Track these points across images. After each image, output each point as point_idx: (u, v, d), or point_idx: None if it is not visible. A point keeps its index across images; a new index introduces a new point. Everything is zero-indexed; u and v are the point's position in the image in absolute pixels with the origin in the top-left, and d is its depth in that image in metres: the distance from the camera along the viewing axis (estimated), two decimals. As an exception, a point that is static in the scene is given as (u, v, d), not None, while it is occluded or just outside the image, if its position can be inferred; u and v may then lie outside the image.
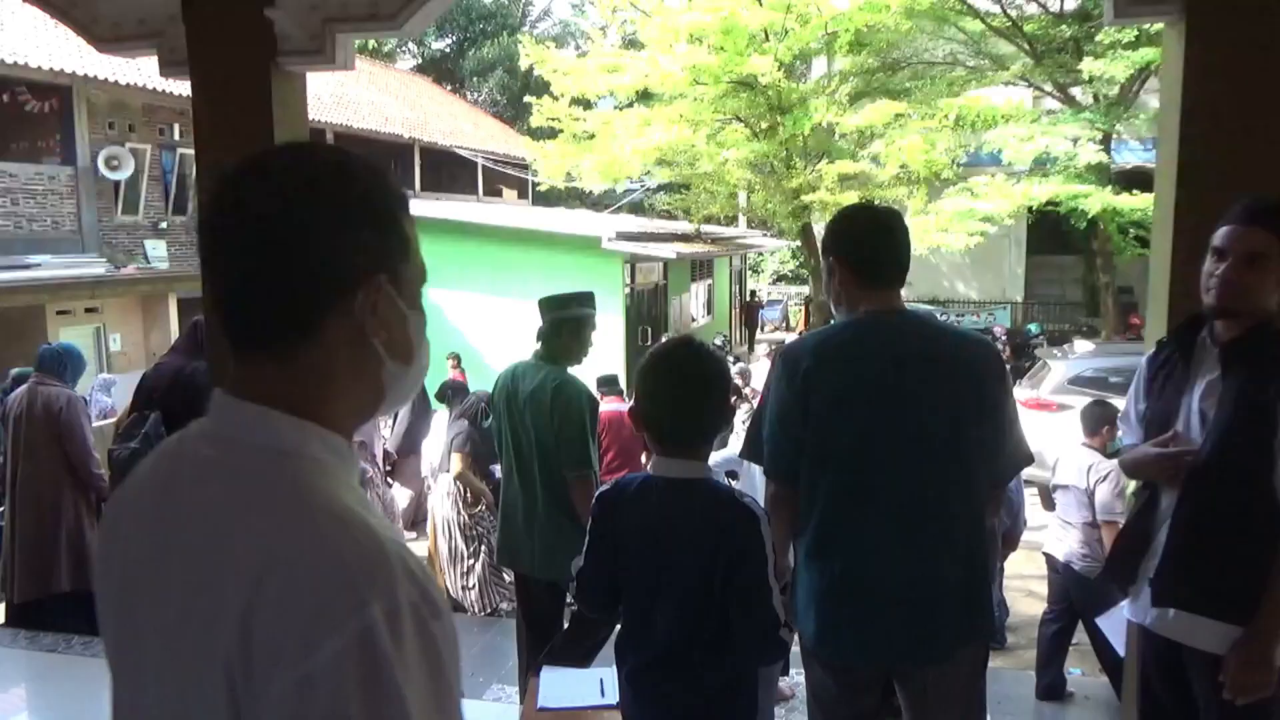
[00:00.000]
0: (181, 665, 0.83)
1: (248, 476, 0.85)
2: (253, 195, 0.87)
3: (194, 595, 0.82)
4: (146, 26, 3.14)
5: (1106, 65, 12.95)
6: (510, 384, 3.54)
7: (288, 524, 0.80)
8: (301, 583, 0.77)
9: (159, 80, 12.36)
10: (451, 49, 33.61)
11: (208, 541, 0.83)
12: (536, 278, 14.36)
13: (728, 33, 14.18)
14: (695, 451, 2.02)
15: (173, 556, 0.85)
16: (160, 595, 0.85)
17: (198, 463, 0.89)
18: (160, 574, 0.86)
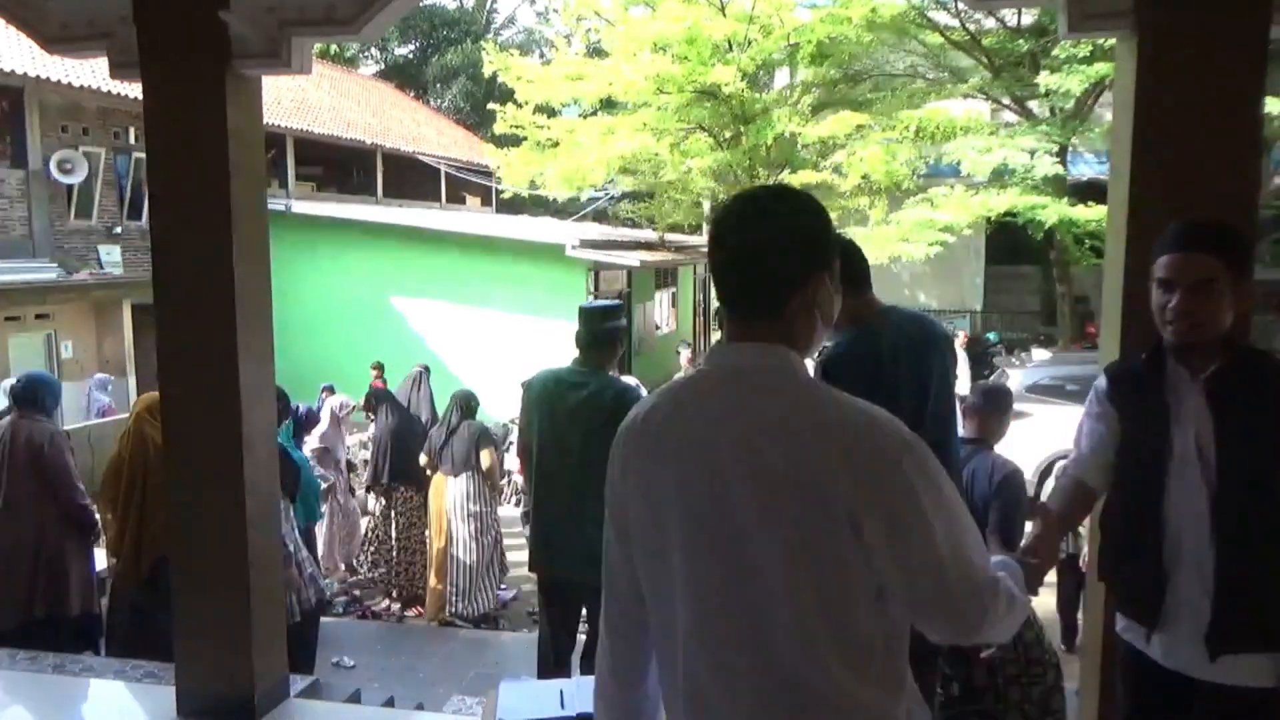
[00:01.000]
0: (795, 512, 1.30)
1: (788, 383, 1.38)
2: (770, 227, 1.41)
3: (794, 464, 1.30)
4: (96, 27, 3.07)
5: (1062, 79, 13.16)
6: (553, 390, 3.57)
7: (837, 408, 1.34)
8: (875, 430, 1.31)
9: (114, 83, 12.15)
10: (415, 55, 33.39)
11: (786, 429, 1.33)
12: (500, 285, 14.32)
13: (691, 42, 14.25)
14: None
15: (764, 440, 1.33)
16: (762, 470, 1.32)
17: (725, 384, 1.41)
18: (754, 456, 1.32)
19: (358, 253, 14.91)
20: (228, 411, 2.96)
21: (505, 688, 2.52)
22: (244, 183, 3.00)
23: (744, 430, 1.34)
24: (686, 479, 1.37)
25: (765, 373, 1.38)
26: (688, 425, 1.40)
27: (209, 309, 2.98)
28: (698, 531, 1.36)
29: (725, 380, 1.41)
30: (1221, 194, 2.35)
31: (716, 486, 1.34)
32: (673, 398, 1.47)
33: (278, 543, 3.35)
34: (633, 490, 1.46)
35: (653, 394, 1.55)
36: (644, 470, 1.45)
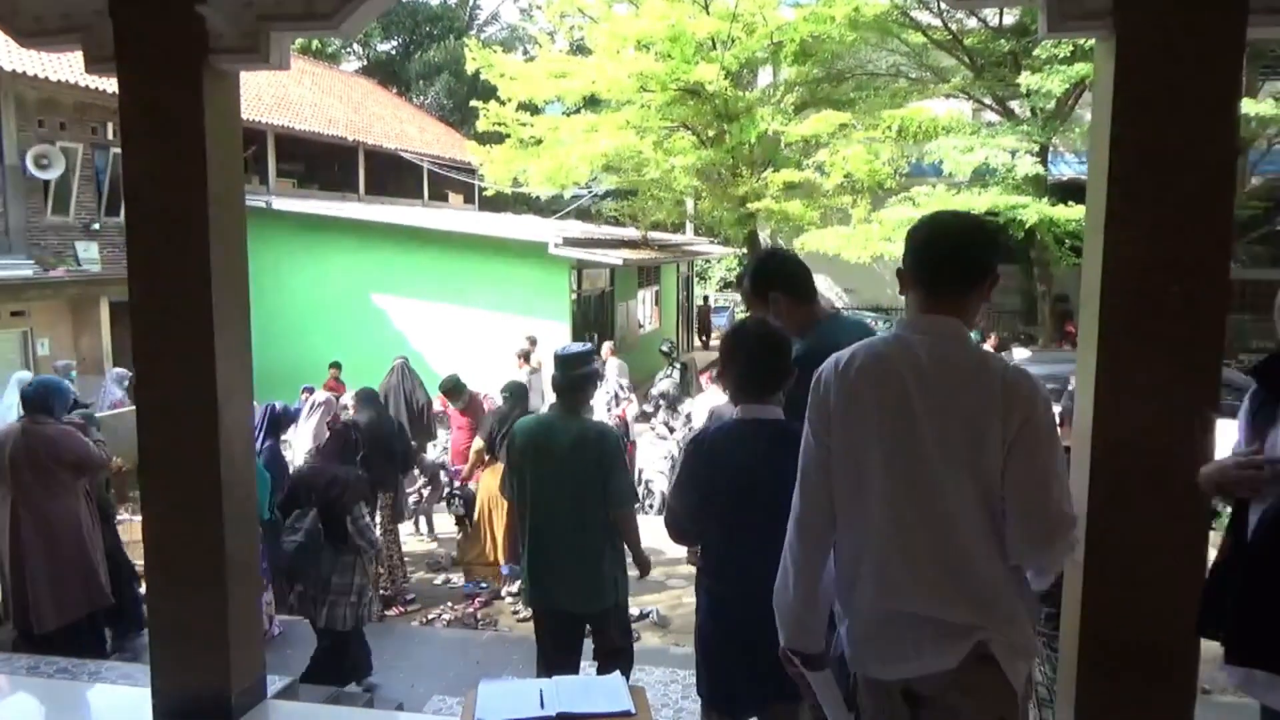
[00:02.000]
0: (965, 439, 1.85)
1: (959, 346, 1.93)
2: (973, 233, 2.05)
3: (969, 404, 1.86)
4: (71, 20, 3.02)
5: (1043, 79, 13.25)
6: (539, 436, 3.77)
7: (996, 363, 1.92)
8: (1024, 381, 1.88)
9: (92, 77, 12.01)
10: (397, 51, 33.24)
11: (963, 378, 1.89)
12: (483, 283, 14.27)
13: (675, 40, 14.25)
14: (772, 398, 2.74)
15: (944, 389, 1.88)
16: (942, 411, 1.87)
17: (915, 343, 1.93)
18: (938, 401, 1.87)
19: (339, 250, 14.82)
20: (204, 411, 2.93)
21: (485, 687, 2.51)
22: (221, 178, 2.97)
23: (929, 378, 1.88)
24: (883, 414, 1.91)
25: (947, 337, 1.93)
26: (884, 373, 1.93)
27: (185, 307, 2.94)
28: (893, 455, 1.89)
29: (916, 340, 1.94)
30: (1199, 193, 2.37)
31: (907, 421, 1.88)
32: (870, 351, 1.97)
33: (255, 543, 3.32)
34: (835, 422, 1.96)
35: (850, 347, 2.01)
36: (843, 407, 1.95)
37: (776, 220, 16.08)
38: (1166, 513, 2.33)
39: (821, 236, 15.00)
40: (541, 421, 3.90)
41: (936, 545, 1.85)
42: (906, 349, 1.92)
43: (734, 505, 2.68)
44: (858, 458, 1.92)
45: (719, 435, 2.78)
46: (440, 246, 14.60)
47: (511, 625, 6.99)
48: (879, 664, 1.93)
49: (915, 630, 1.87)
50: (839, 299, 20.99)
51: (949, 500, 1.84)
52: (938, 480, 1.85)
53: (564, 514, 3.71)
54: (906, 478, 1.87)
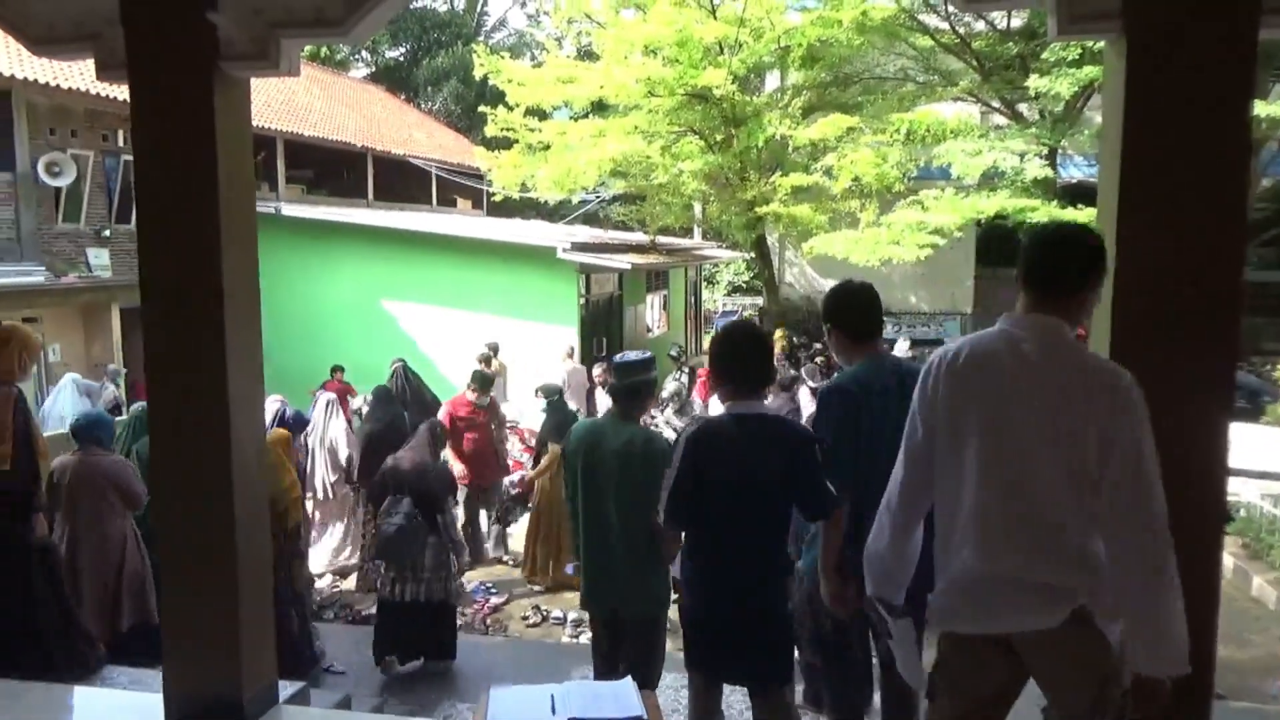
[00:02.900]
0: (1057, 426, 2.06)
1: (1058, 343, 2.14)
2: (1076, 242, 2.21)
3: (1062, 394, 2.08)
4: (83, 28, 3.05)
5: (1052, 82, 13.22)
6: (592, 439, 3.86)
7: (1092, 360, 2.15)
8: (1121, 375, 2.07)
9: (103, 85, 12.08)
10: (405, 58, 33.34)
11: (1059, 371, 2.11)
12: (491, 288, 14.29)
13: (682, 45, 14.26)
14: (759, 394, 3.08)
15: (1043, 380, 2.11)
16: (1040, 399, 2.09)
17: (1024, 340, 2.16)
18: (1037, 390, 2.10)
19: (348, 256, 14.86)
20: (216, 415, 2.94)
21: (496, 693, 2.51)
22: (232, 185, 2.98)
23: (1027, 369, 2.11)
24: (984, 399, 2.15)
25: (1048, 333, 2.15)
26: (988, 363, 2.17)
27: (197, 312, 2.96)
28: (990, 435, 2.13)
29: (1019, 335, 2.17)
30: (1211, 196, 2.36)
31: (1004, 406, 2.12)
32: (976, 344, 2.22)
33: (267, 547, 3.32)
34: (941, 405, 2.20)
35: (959, 340, 2.26)
36: (950, 393, 2.19)
37: (785, 224, 16.07)
38: (1182, 518, 2.31)
39: (830, 240, 14.98)
40: (595, 425, 4.00)
41: (1030, 518, 2.08)
42: (1010, 343, 2.16)
43: (726, 493, 2.94)
44: (959, 438, 2.16)
45: (712, 429, 3.06)
46: (449, 252, 14.62)
47: (521, 631, 6.99)
48: (972, 621, 2.18)
49: (1016, 592, 2.10)
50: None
51: (1040, 479, 2.06)
52: (1030, 461, 2.08)
53: (611, 518, 3.75)
54: (1002, 457, 2.11)
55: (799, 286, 21.72)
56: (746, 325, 3.20)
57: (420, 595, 5.49)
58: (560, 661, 5.83)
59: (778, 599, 3.06)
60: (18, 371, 4.32)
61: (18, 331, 4.41)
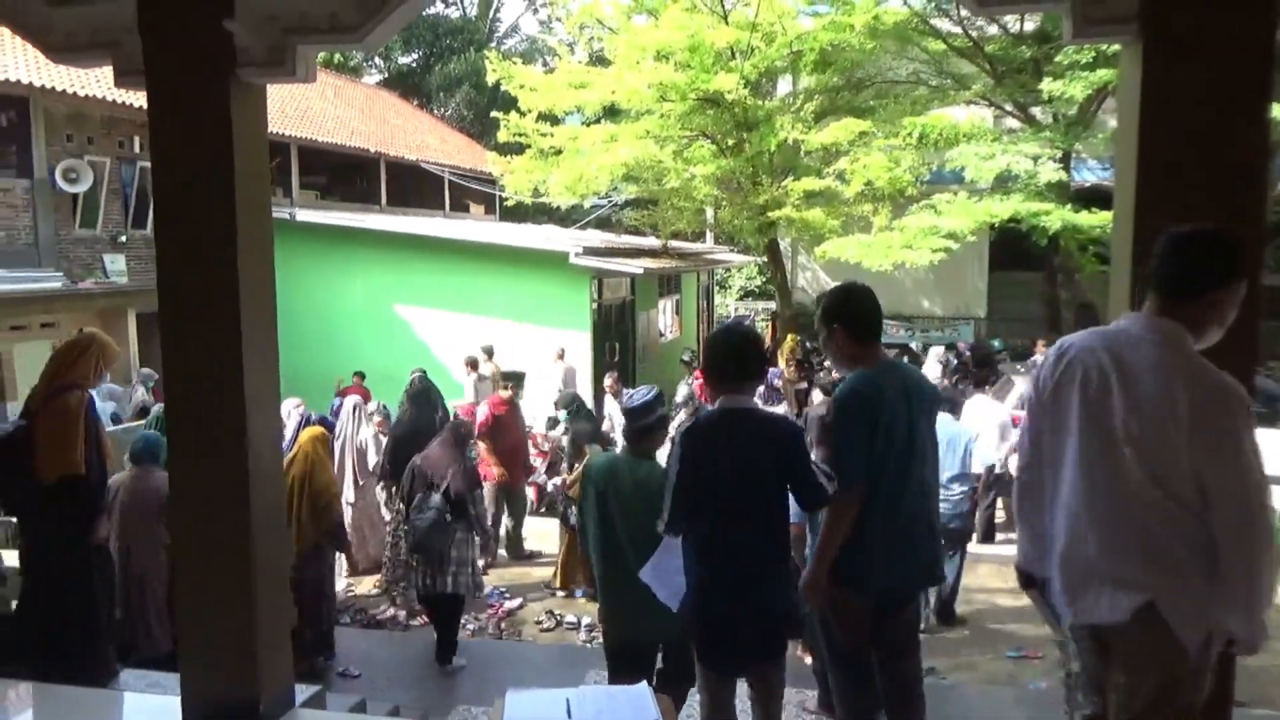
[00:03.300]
0: (1157, 428, 2.10)
1: (1169, 347, 2.15)
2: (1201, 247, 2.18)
3: (1164, 398, 2.10)
4: (101, 36, 3.07)
5: (1065, 85, 13.17)
6: (610, 475, 4.04)
7: (1199, 367, 2.13)
8: (1226, 381, 2.10)
9: (119, 92, 12.18)
10: (418, 64, 33.47)
11: (1178, 376, 2.11)
12: (504, 293, 14.31)
13: (694, 50, 14.26)
14: (749, 390, 3.29)
15: (1148, 383, 2.13)
16: (1141, 402, 2.12)
17: (1136, 339, 2.19)
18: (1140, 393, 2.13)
19: (361, 261, 14.92)
20: (233, 419, 2.96)
21: (512, 697, 2.51)
22: (248, 190, 3.00)
23: (1137, 372, 2.15)
24: (1084, 393, 2.22)
25: (1161, 335, 2.18)
26: (1092, 360, 2.22)
27: (213, 317, 2.97)
28: (1087, 430, 2.21)
29: (1133, 335, 2.21)
30: (1229, 199, 2.34)
31: (1103, 402, 2.18)
32: (1085, 342, 2.27)
33: (284, 550, 3.34)
34: (1048, 399, 2.30)
35: (1072, 336, 2.33)
36: (1053, 385, 2.28)
37: (797, 228, 16.04)
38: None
39: (842, 245, 14.94)
40: (613, 462, 4.19)
41: (1113, 515, 2.15)
42: (1119, 342, 2.22)
43: (721, 487, 3.08)
44: (1061, 430, 2.25)
45: (703, 425, 3.25)
46: (461, 257, 14.66)
47: (535, 635, 6.99)
48: (1070, 611, 2.27)
49: (1096, 583, 2.18)
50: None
51: (1131, 478, 2.11)
52: (1122, 459, 2.13)
53: (628, 551, 3.85)
54: (1096, 451, 2.18)
55: (811, 291, 21.69)
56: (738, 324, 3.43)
57: (448, 588, 5.85)
58: (574, 666, 5.84)
59: (778, 589, 3.17)
60: (93, 378, 4.47)
61: (97, 339, 4.57)
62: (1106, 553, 2.16)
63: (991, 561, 8.46)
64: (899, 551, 3.23)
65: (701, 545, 3.18)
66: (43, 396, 4.27)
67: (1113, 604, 2.15)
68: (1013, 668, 6.32)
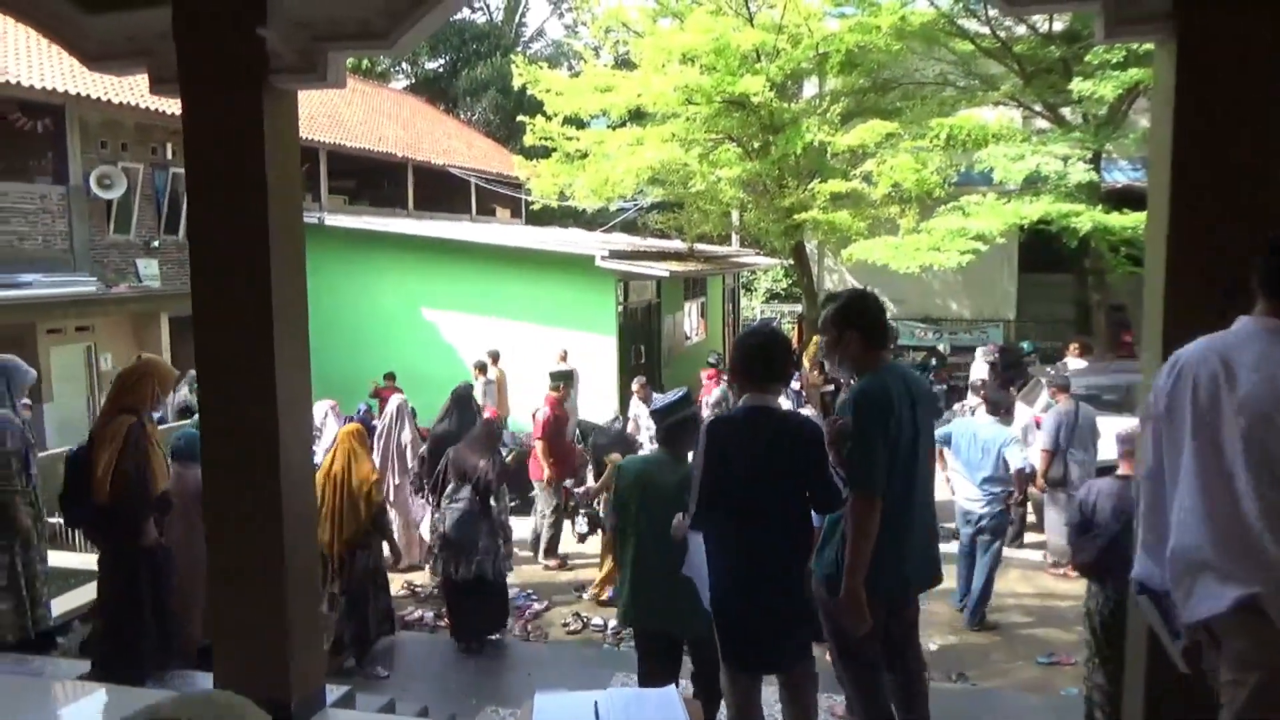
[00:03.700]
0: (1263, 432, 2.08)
1: None
2: None
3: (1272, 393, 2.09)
4: (136, 44, 3.12)
5: (1095, 85, 13.01)
6: (645, 476, 4.15)
7: None
8: None
9: (152, 99, 12.36)
10: (445, 69, 33.69)
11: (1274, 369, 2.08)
12: (530, 297, 14.37)
13: (719, 53, 14.25)
14: (775, 391, 3.37)
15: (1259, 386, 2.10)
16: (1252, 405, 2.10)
17: (1248, 344, 2.16)
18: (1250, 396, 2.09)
19: (389, 265, 15.04)
20: (265, 420, 2.99)
21: (540, 699, 2.51)
22: (281, 195, 3.03)
23: (1247, 376, 2.12)
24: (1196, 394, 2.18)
25: (1268, 331, 2.15)
26: (1208, 361, 2.18)
27: (246, 319, 3.01)
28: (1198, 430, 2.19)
29: (1244, 339, 2.19)
30: (1265, 200, 2.31)
31: (1215, 404, 2.16)
32: (1205, 345, 2.22)
33: (315, 552, 3.37)
34: (1164, 414, 2.27)
35: (1181, 351, 2.25)
36: (1171, 384, 2.25)
37: (823, 231, 15.98)
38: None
39: (869, 247, 14.86)
40: (647, 465, 4.29)
41: (1222, 507, 2.15)
42: (1228, 345, 2.21)
43: (743, 485, 3.12)
44: (1178, 441, 2.25)
45: (726, 422, 3.35)
46: (488, 260, 14.74)
47: (562, 638, 7.01)
48: (1181, 607, 2.26)
49: (1202, 577, 2.17)
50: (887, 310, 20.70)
51: (1239, 478, 2.12)
52: (1231, 458, 2.14)
53: (662, 546, 3.88)
54: (1208, 451, 2.18)
55: (838, 294, 21.56)
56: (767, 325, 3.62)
57: (472, 573, 6.21)
58: (601, 668, 5.85)
59: (794, 588, 3.22)
60: (149, 403, 4.64)
61: (154, 365, 4.74)
62: (1211, 545, 2.17)
63: (1020, 566, 8.37)
64: (904, 552, 3.30)
65: (722, 541, 3.24)
66: (101, 420, 4.54)
67: (1216, 595, 2.15)
68: (1044, 674, 6.25)
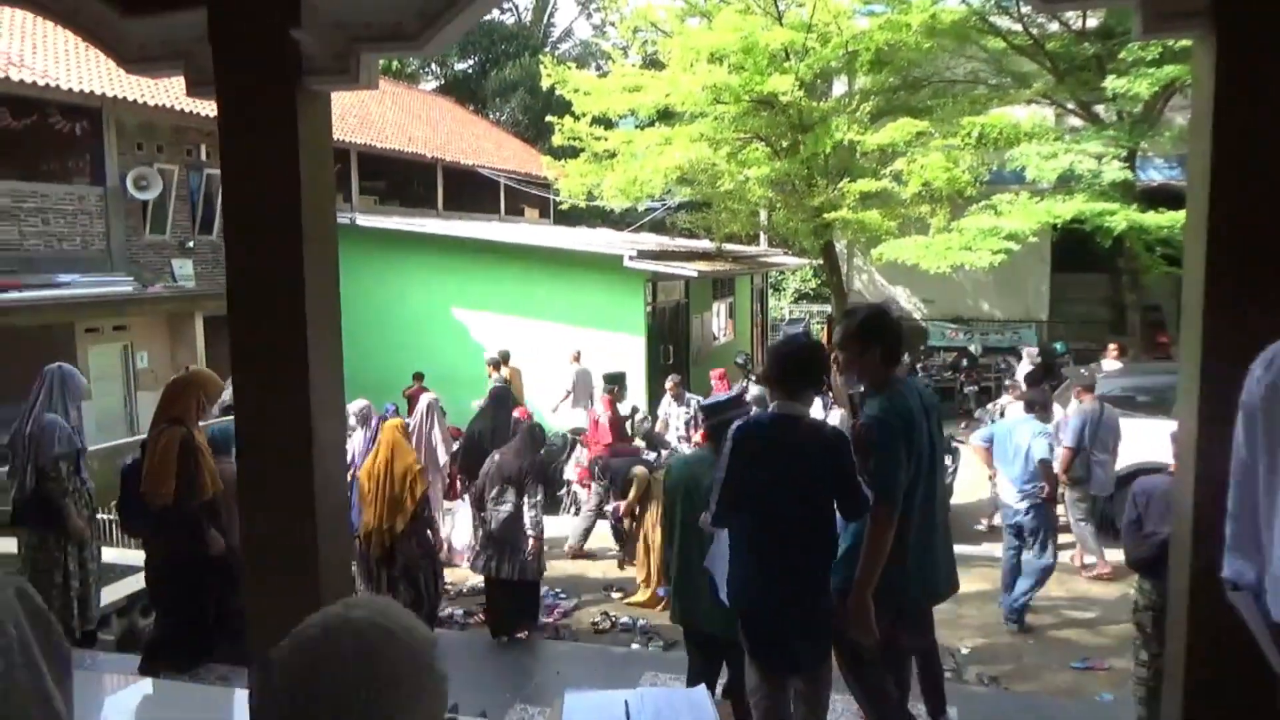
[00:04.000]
0: None
1: None
2: None
3: None
4: (172, 47, 3.15)
5: (1130, 83, 12.85)
6: (693, 475, 4.25)
7: None
8: None
9: (187, 102, 12.54)
10: (474, 70, 33.88)
11: None
12: (559, 296, 14.41)
13: (748, 52, 14.22)
14: (806, 399, 3.44)
15: None
16: None
17: None
18: None
19: (419, 265, 15.14)
20: (299, 418, 3.01)
21: (570, 698, 2.52)
22: (313, 196, 3.05)
23: None
24: None
25: None
26: None
27: (280, 319, 3.03)
28: None
29: None
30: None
31: None
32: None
33: (349, 546, 3.40)
34: (1260, 409, 2.09)
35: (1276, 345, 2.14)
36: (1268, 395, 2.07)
37: (853, 230, 15.90)
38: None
39: (899, 247, 14.77)
40: (690, 464, 4.37)
41: None
42: None
43: (769, 491, 3.18)
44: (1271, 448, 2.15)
45: (753, 427, 3.39)
46: (517, 261, 14.80)
47: (590, 637, 7.02)
48: None
49: None
50: (917, 310, 20.61)
51: None
52: None
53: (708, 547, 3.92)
54: None
55: (867, 294, 21.44)
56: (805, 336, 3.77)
57: (514, 574, 6.48)
58: (630, 667, 5.85)
59: (815, 590, 3.30)
60: (195, 413, 4.78)
61: (199, 376, 4.84)
62: None
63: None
64: (925, 561, 3.44)
65: (743, 540, 3.32)
66: (152, 431, 4.70)
67: None
68: (1078, 678, 6.18)
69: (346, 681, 1.11)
